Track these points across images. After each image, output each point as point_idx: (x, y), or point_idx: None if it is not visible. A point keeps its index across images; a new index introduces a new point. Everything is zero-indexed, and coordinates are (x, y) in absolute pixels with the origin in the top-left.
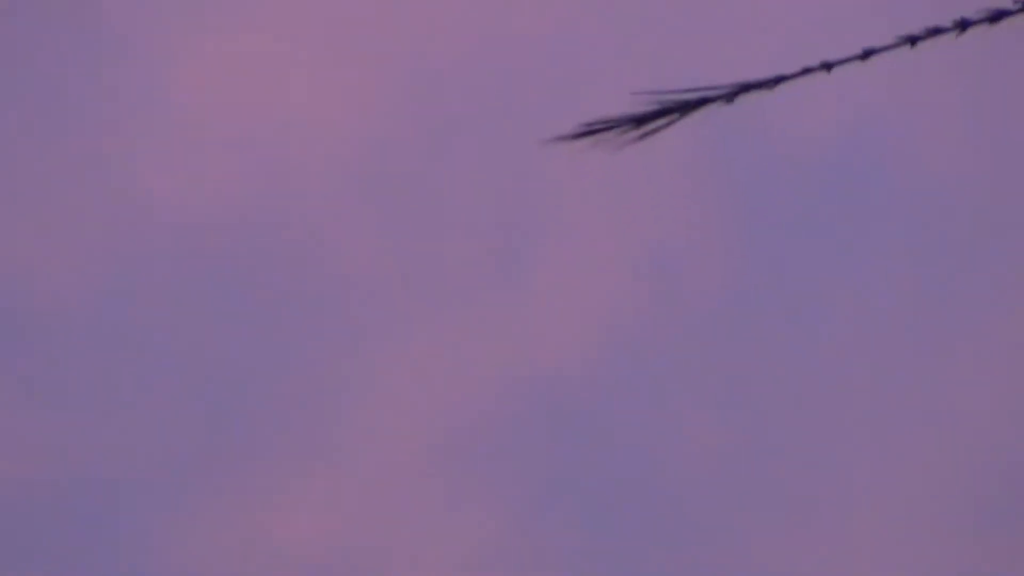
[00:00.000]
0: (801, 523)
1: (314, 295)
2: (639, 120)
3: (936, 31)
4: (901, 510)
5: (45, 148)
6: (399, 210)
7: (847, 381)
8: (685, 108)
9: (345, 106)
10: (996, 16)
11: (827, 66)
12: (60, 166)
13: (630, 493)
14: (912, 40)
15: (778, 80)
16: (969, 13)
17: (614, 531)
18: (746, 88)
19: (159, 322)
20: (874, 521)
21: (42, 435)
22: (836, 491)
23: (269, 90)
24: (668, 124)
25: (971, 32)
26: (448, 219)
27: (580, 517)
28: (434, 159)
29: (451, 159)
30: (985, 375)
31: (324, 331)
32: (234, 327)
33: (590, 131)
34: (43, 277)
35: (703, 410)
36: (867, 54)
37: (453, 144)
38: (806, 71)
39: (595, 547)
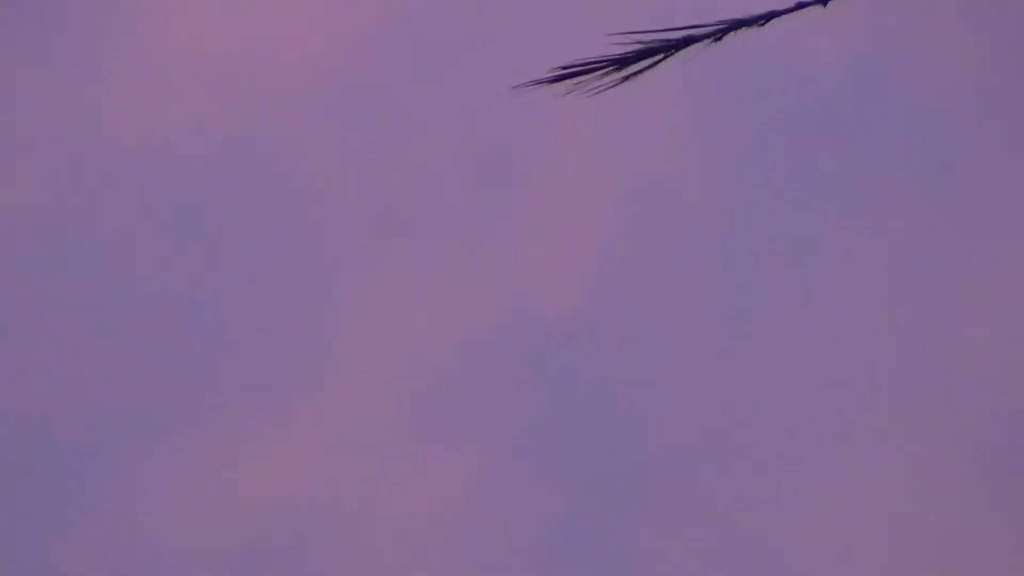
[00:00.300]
0: (795, 470)
1: (286, 232)
2: (621, 62)
3: None
4: (899, 451)
5: (10, 75)
6: (378, 148)
7: (843, 323)
8: (670, 49)
9: (323, 42)
10: None
11: (823, 0)
12: (27, 93)
13: (616, 438)
14: None
15: (770, 16)
16: None
17: (599, 477)
18: (736, 26)
19: (123, 256)
20: (870, 466)
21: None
22: (831, 436)
23: (245, 19)
24: (652, 66)
25: None
26: (429, 157)
27: (565, 464)
28: (412, 96)
29: (429, 97)
30: (987, 302)
31: (297, 269)
32: (203, 265)
33: (569, 75)
34: (5, 202)
35: (694, 354)
36: None
37: (432, 82)
38: (800, 6)
39: (579, 493)
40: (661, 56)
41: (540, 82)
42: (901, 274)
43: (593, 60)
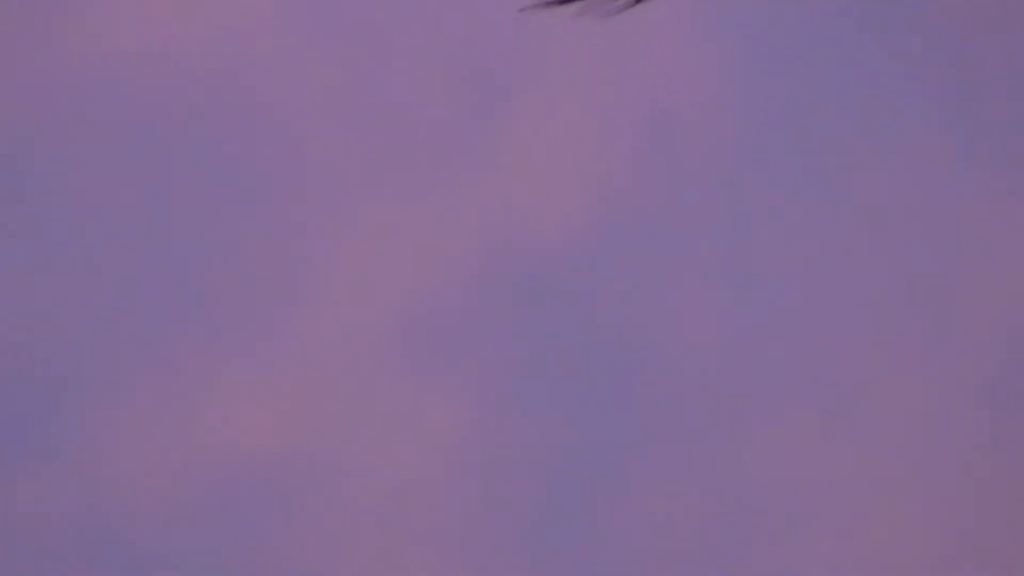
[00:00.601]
0: (798, 400)
1: (267, 157)
2: None
3: None
4: (900, 383)
5: None
6: (372, 71)
7: (852, 253)
8: None
9: None
10: None
11: None
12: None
13: (614, 375)
14: None
15: None
16: None
17: (594, 415)
18: None
19: (93, 185)
20: (871, 400)
21: None
22: (837, 365)
23: None
24: None
25: None
26: (424, 81)
27: (557, 402)
28: (411, 18)
29: (428, 19)
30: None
31: (278, 196)
32: (177, 195)
33: None
34: None
35: (694, 287)
36: None
37: (432, 3)
38: None
39: (573, 434)
40: None
41: (548, 4)
42: (913, 201)
43: None
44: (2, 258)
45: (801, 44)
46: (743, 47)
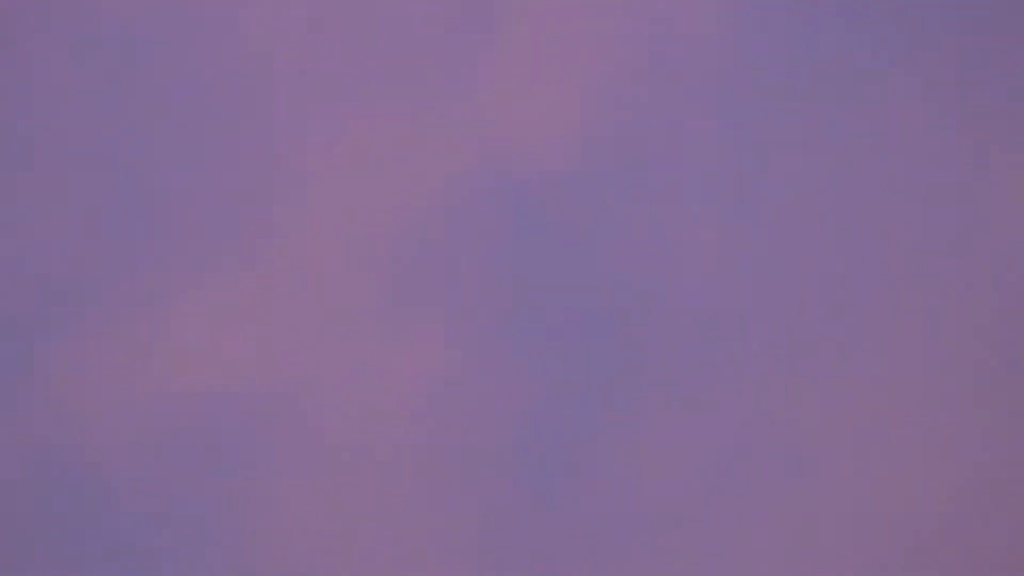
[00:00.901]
0: (787, 341)
1: (242, 81)
2: None
3: None
4: (901, 312)
5: None
6: None
7: (853, 186)
8: None
9: None
10: None
11: None
12: None
13: (603, 307)
14: None
15: None
16: None
17: (583, 349)
18: None
19: (69, 105)
20: (873, 334)
21: None
22: (831, 300)
23: None
24: None
25: None
26: (412, 3)
27: (547, 333)
28: None
29: None
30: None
31: (251, 121)
32: (148, 115)
33: None
34: None
35: (688, 220)
36: None
37: None
38: None
39: (561, 366)
40: None
41: None
42: (912, 131)
43: None
44: None
45: None
46: None
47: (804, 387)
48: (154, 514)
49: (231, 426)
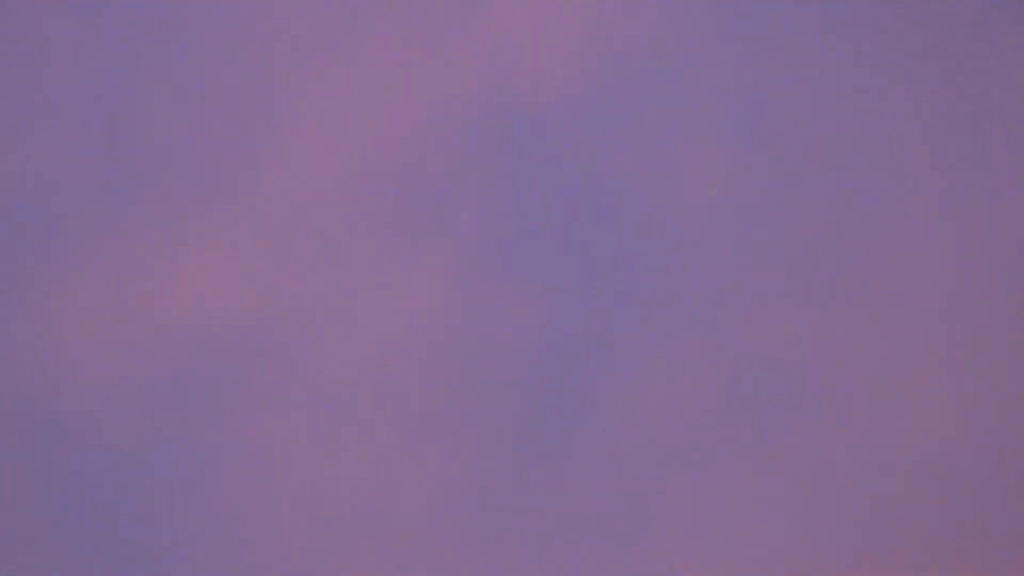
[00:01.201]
0: (803, 261)
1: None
2: None
3: None
4: (904, 243)
5: None
6: None
7: (857, 106)
8: None
9: None
10: None
11: None
12: None
13: (610, 235)
14: None
15: None
16: None
17: (590, 277)
18: None
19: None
20: (879, 270)
21: None
22: (841, 229)
23: None
24: None
25: None
26: None
27: (547, 262)
28: None
29: None
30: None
31: (256, 42)
32: (145, 42)
33: None
34: None
35: (694, 144)
36: None
37: None
38: None
39: (567, 293)
40: None
41: None
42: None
43: None
44: None
45: None
46: None
47: (810, 311)
48: (145, 448)
49: (227, 359)
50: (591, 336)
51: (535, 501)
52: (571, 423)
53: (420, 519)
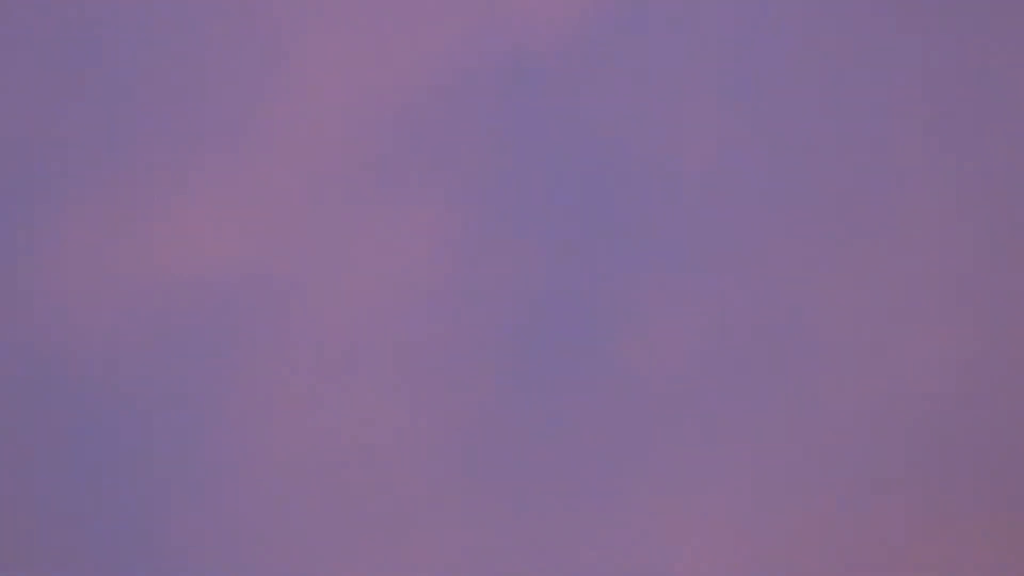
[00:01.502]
0: (801, 201)
1: None
2: None
3: None
4: (905, 186)
5: None
6: None
7: (855, 59)
8: None
9: None
10: None
11: None
12: None
13: (606, 185)
14: None
15: None
16: None
17: (586, 231)
18: None
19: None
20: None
21: None
22: (843, 167)
23: None
24: None
25: None
26: None
27: (546, 215)
28: None
29: None
30: None
31: None
32: None
33: None
34: None
35: (692, 95)
36: None
37: None
38: None
39: (561, 247)
40: None
41: None
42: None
43: None
44: None
45: None
46: None
47: (813, 249)
48: (143, 397)
49: (226, 308)
50: (590, 281)
51: (536, 445)
52: (571, 368)
53: (420, 464)
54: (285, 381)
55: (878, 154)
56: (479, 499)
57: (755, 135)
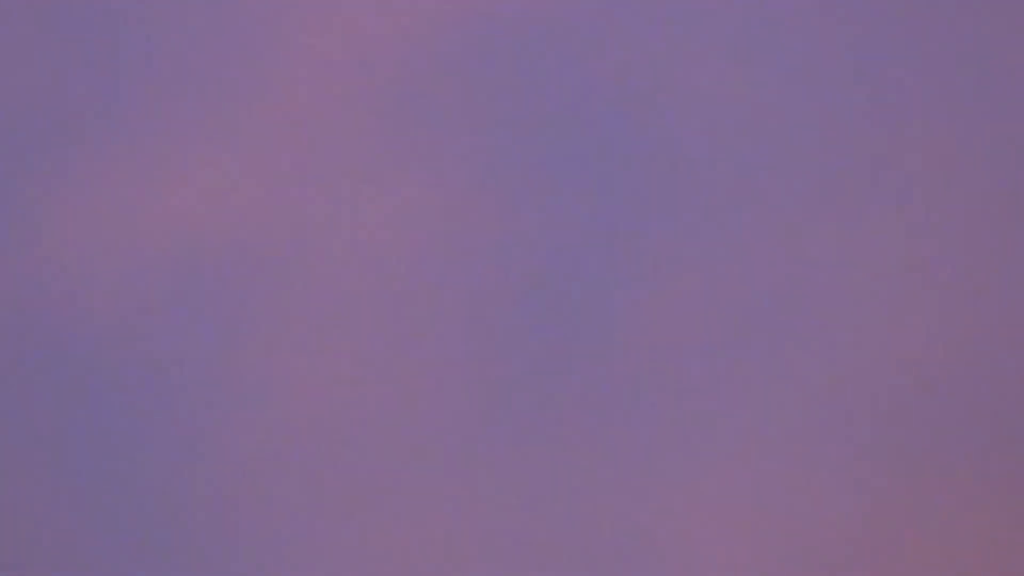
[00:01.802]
0: (806, 175)
1: None
2: None
3: None
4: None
5: None
6: None
7: (873, 15)
8: None
9: None
10: None
11: None
12: None
13: (602, 147)
14: None
15: None
16: None
17: (583, 192)
18: None
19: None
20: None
21: None
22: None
23: None
24: None
25: None
26: None
27: (545, 179)
28: None
29: None
30: None
31: None
32: None
33: None
34: None
35: (693, 82)
36: None
37: None
38: None
39: (561, 209)
40: None
41: None
42: None
43: None
44: None
45: None
46: None
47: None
48: (148, 363)
49: (223, 271)
50: (587, 246)
51: (532, 407)
52: (568, 333)
53: (416, 426)
54: (289, 342)
55: (877, 143)
56: (475, 460)
57: (751, 128)
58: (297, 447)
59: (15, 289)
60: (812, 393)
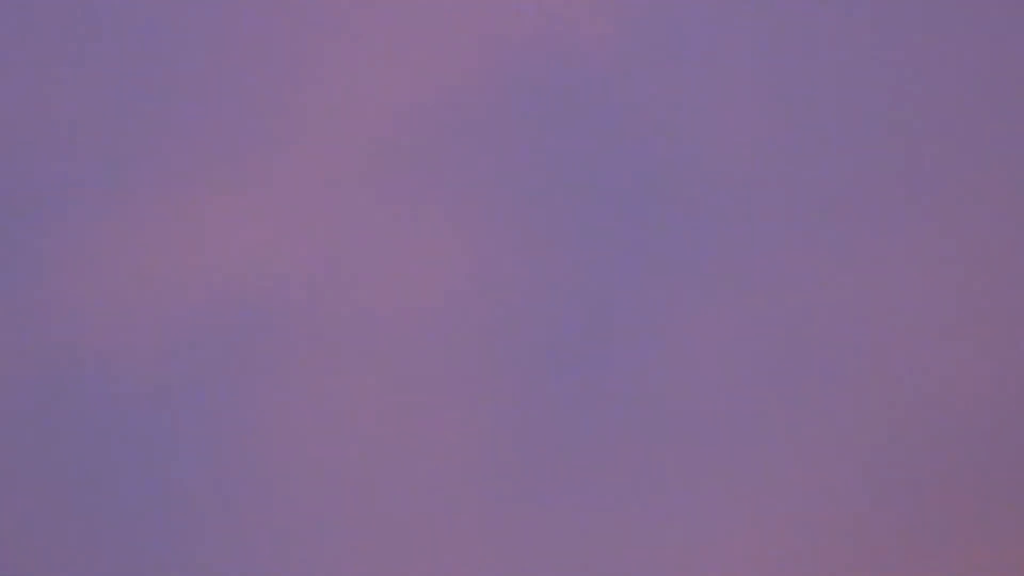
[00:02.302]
0: (823, 208)
1: None
2: None
3: None
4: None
5: None
6: None
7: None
8: None
9: None
10: None
11: None
12: None
13: (624, 181)
14: None
15: None
16: None
17: (601, 229)
18: None
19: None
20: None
21: None
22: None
23: None
24: None
25: None
26: None
27: (570, 222)
28: None
29: None
30: None
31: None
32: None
33: None
34: None
35: (710, 105)
36: None
37: None
38: None
39: (583, 254)
40: None
41: None
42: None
43: None
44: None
45: None
46: None
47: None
48: (166, 412)
49: (244, 322)
50: (608, 289)
51: (553, 444)
52: (590, 373)
53: (437, 465)
54: (307, 391)
55: (894, 161)
56: (493, 494)
57: (767, 144)
58: (317, 485)
59: (47, 341)
60: (822, 400)
